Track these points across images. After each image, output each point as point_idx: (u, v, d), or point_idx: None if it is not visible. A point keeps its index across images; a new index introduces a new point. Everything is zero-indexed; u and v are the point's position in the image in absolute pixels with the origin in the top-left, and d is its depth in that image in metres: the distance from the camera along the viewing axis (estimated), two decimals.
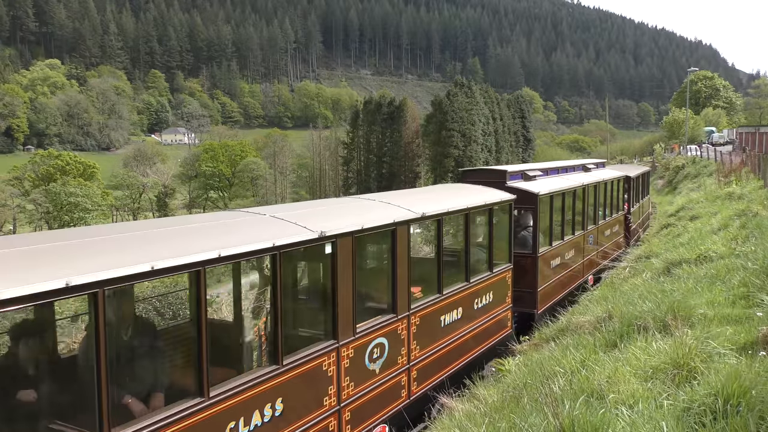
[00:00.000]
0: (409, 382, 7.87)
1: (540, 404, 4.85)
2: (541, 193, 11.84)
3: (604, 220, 16.78)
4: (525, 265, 11.53)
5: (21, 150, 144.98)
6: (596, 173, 16.61)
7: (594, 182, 15.45)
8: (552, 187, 12.60)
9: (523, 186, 11.77)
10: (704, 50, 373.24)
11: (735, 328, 5.75)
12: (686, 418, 4.05)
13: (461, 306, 9.11)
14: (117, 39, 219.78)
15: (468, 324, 9.31)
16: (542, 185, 12.38)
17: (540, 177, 13.11)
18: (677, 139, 79.49)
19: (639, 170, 23.62)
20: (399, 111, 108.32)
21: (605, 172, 17.68)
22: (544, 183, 12.70)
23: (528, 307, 11.83)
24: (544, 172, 13.72)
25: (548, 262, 12.44)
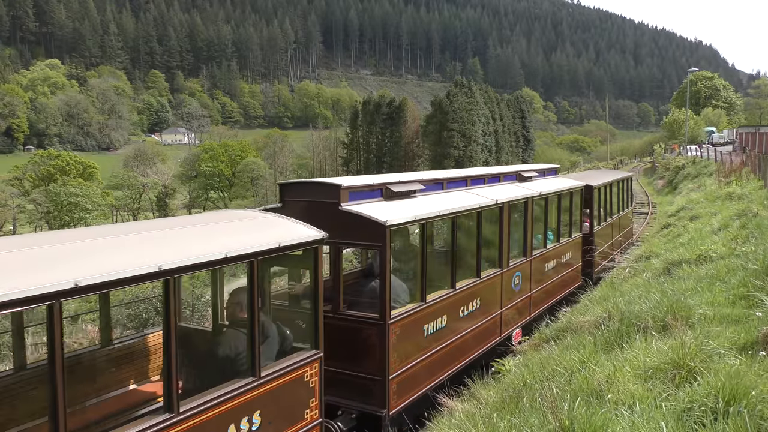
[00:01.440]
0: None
1: (540, 404, 4.85)
2: (394, 222, 7.37)
3: (544, 249, 12.27)
4: (368, 338, 7.47)
5: (21, 150, 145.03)
6: (538, 184, 12.48)
7: (523, 197, 11.08)
8: (428, 210, 8.19)
9: (366, 211, 7.41)
10: (704, 50, 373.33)
11: (735, 328, 5.75)
12: (686, 419, 4.04)
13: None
14: (117, 39, 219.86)
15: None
16: (408, 208, 8.08)
17: (419, 193, 8.86)
18: (677, 139, 79.52)
19: (611, 176, 18.94)
20: (399, 111, 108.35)
21: (553, 182, 13.32)
22: (416, 204, 8.40)
23: (373, 405, 7.51)
24: (431, 184, 9.41)
25: (418, 327, 8.02)
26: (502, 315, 10.40)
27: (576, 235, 14.29)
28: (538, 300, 11.76)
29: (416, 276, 8.24)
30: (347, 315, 7.58)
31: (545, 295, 12.22)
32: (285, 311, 7.95)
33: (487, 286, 9.83)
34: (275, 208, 7.91)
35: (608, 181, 17.73)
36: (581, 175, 20.56)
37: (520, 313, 11.26)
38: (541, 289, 11.81)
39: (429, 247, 8.90)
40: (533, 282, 11.49)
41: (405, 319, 7.67)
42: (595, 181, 16.12)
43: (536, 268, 11.84)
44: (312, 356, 6.44)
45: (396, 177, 9.01)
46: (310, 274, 6.68)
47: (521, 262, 11.13)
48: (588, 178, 16.95)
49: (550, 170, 14.63)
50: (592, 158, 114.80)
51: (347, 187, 7.68)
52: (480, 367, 9.27)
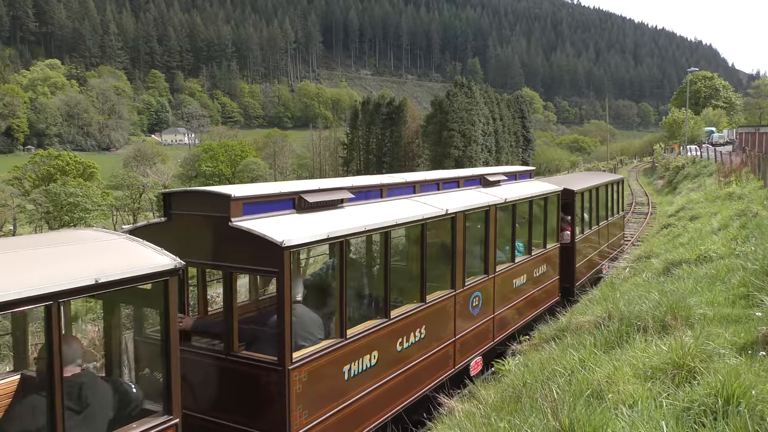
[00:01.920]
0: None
1: (540, 404, 4.86)
2: (295, 242, 5.88)
3: (512, 263, 10.64)
4: (266, 387, 6.00)
5: (21, 150, 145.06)
6: (505, 189, 10.80)
7: (483, 205, 9.48)
8: (350, 225, 6.70)
9: (259, 228, 5.90)
10: (704, 50, 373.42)
11: (735, 328, 5.75)
12: (686, 418, 4.05)
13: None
14: (117, 39, 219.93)
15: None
16: (324, 222, 6.58)
17: (347, 203, 7.30)
18: (677, 139, 79.54)
19: (598, 179, 17.15)
20: (399, 111, 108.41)
21: (524, 187, 11.65)
22: (337, 217, 6.86)
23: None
24: (365, 191, 7.86)
25: (336, 369, 6.52)
26: (456, 344, 8.80)
27: (553, 245, 12.55)
28: (504, 322, 10.33)
29: (335, 306, 6.69)
30: (241, 357, 6.00)
31: (514, 315, 10.79)
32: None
33: (435, 312, 8.21)
34: (157, 224, 6.50)
35: (594, 184, 15.78)
36: (564, 178, 18.40)
37: (481, 339, 9.62)
38: (508, 309, 10.43)
39: (355, 269, 8.08)
40: (498, 302, 10.04)
41: (315, 361, 6.08)
42: (577, 185, 14.43)
43: (501, 285, 10.22)
44: (159, 425, 4.74)
45: (318, 183, 7.41)
46: (161, 315, 5.03)
47: (482, 281, 9.52)
48: (570, 181, 15.45)
49: (524, 173, 12.81)
50: (592, 158, 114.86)
51: (240, 197, 6.07)
52: (429, 405, 7.85)
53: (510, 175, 11.84)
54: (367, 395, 6.94)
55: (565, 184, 13.80)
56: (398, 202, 8.13)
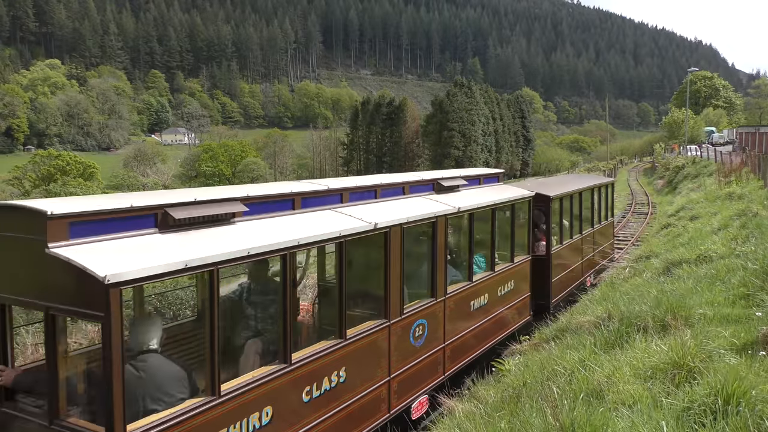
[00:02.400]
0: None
1: (540, 404, 4.86)
2: (129, 276, 4.38)
3: (469, 283, 9.12)
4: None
5: (21, 150, 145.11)
6: (462, 195, 9.39)
7: (429, 216, 7.93)
8: (227, 249, 5.16)
9: (80, 257, 4.38)
10: (704, 50, 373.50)
11: (735, 328, 5.75)
12: (686, 418, 4.05)
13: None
14: (117, 39, 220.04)
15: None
16: (190, 246, 5.05)
17: (239, 218, 5.78)
18: (677, 139, 79.55)
19: (582, 183, 15.64)
20: (399, 111, 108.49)
21: (487, 193, 10.15)
22: (213, 238, 5.34)
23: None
24: (267, 202, 6.25)
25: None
26: (392, 384, 7.33)
27: (522, 258, 11.06)
28: (459, 351, 8.86)
29: (203, 355, 5.15)
30: (67, 426, 4.52)
31: (473, 342, 9.30)
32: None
33: (360, 349, 6.72)
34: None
35: (575, 188, 14.27)
36: (541, 181, 16.58)
37: (427, 374, 8.07)
38: (464, 335, 8.97)
39: (244, 302, 6.64)
40: (450, 329, 8.56)
41: (175, 428, 4.66)
42: (553, 190, 12.90)
43: (455, 309, 8.71)
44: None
45: (200, 193, 5.72)
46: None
47: (427, 306, 7.97)
48: (546, 185, 13.84)
49: (490, 176, 11.13)
50: (592, 158, 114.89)
51: (64, 215, 4.51)
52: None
53: (472, 179, 10.33)
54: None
55: (539, 189, 12.42)
56: (314, 214, 6.59)
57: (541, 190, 12.41)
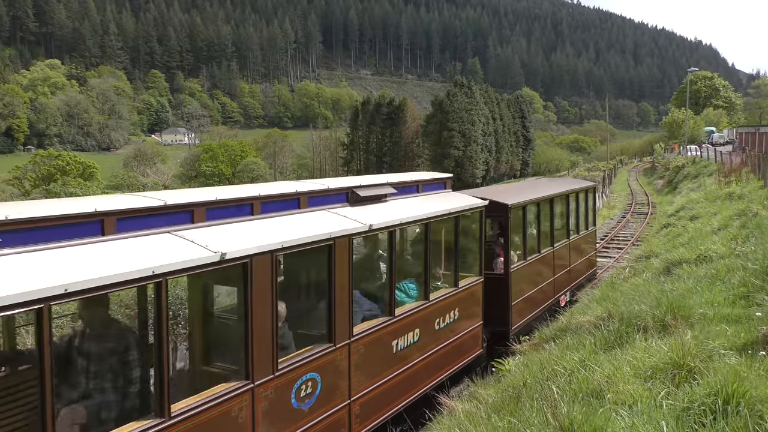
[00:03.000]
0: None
1: (540, 404, 4.86)
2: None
3: (390, 318, 7.42)
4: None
5: (21, 150, 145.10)
6: (385, 208, 7.66)
7: (321, 238, 6.25)
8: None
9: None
10: (704, 50, 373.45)
11: (735, 328, 5.75)
12: (686, 418, 4.05)
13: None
14: (117, 39, 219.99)
15: None
16: None
17: (56, 241, 4.39)
18: (677, 139, 79.55)
19: (554, 188, 13.77)
20: (399, 111, 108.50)
21: (423, 203, 8.41)
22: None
23: None
24: (89, 221, 4.68)
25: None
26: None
27: (471, 281, 9.29)
28: (374, 406, 7.08)
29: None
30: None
31: (396, 392, 7.52)
32: None
33: (199, 428, 4.86)
34: None
35: (544, 195, 12.48)
36: (504, 188, 14.87)
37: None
38: (382, 385, 7.22)
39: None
40: (359, 380, 6.80)
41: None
42: (515, 197, 11.14)
43: (367, 353, 6.92)
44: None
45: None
46: None
47: (321, 354, 6.23)
48: (507, 192, 11.94)
49: (431, 183, 9.23)
50: (592, 158, 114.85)
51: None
52: None
53: (405, 187, 8.45)
54: None
55: (496, 197, 10.56)
56: (141, 240, 4.87)
57: (499, 198, 10.57)
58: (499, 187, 17.13)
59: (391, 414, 7.43)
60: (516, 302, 10.77)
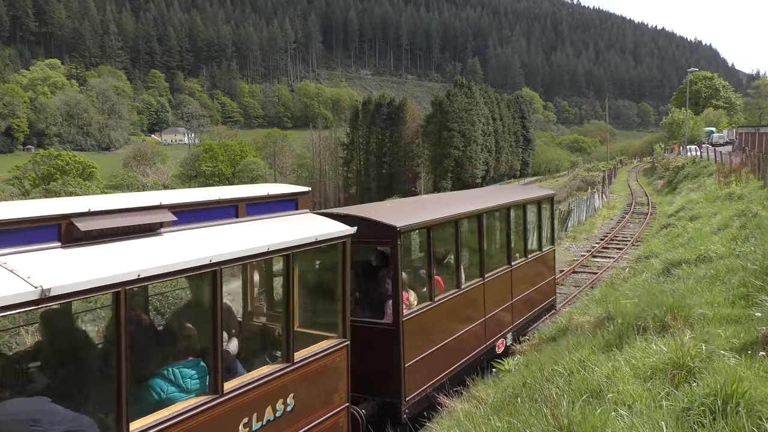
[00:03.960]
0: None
1: (539, 404, 4.86)
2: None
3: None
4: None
5: (21, 150, 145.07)
6: (167, 242, 4.97)
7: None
8: None
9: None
10: (704, 50, 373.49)
11: (734, 329, 5.75)
12: (685, 418, 4.05)
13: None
14: (117, 39, 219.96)
15: None
16: None
17: None
18: (677, 139, 79.54)
19: (486, 200, 10.92)
20: (399, 111, 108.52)
21: (231, 234, 5.57)
22: None
23: None
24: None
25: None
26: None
27: (328, 347, 6.33)
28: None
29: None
30: None
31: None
32: None
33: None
34: None
35: (463, 211, 9.32)
36: (412, 202, 11.63)
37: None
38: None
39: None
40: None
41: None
42: (412, 215, 8.29)
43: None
44: None
45: None
46: None
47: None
48: (409, 208, 9.36)
49: (268, 201, 6.34)
50: (592, 158, 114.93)
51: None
52: None
53: (207, 210, 5.58)
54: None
55: (385, 215, 7.86)
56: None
57: (387, 218, 7.71)
58: (405, 200, 13.05)
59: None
60: (414, 362, 7.73)
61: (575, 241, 25.15)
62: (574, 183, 52.94)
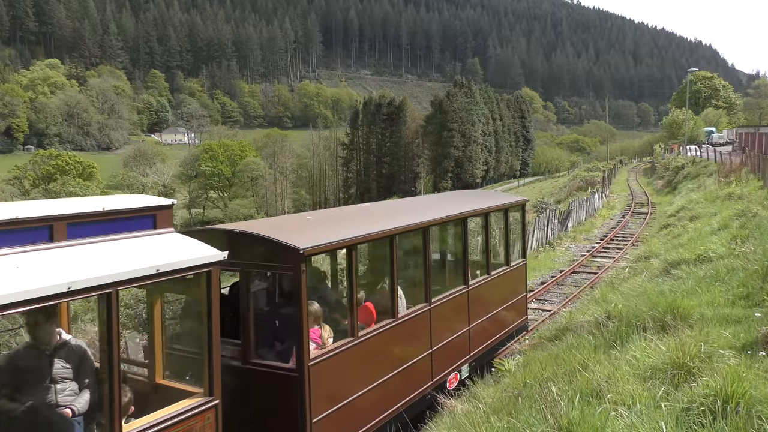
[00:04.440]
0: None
1: (539, 404, 4.85)
2: None
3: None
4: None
5: (21, 150, 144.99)
6: None
7: None
8: None
9: None
10: (704, 50, 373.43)
11: (734, 329, 5.75)
12: (685, 419, 4.05)
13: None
14: (117, 39, 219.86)
15: None
16: None
17: None
18: (677, 139, 79.51)
19: (439, 209, 9.20)
20: (399, 111, 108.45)
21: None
22: None
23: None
24: None
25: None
26: None
27: (187, 407, 4.80)
28: None
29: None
30: None
31: None
32: None
33: None
34: None
35: (402, 226, 7.62)
36: (354, 210, 9.44)
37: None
38: None
39: None
40: None
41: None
42: (328, 233, 6.67)
43: None
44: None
45: None
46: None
47: None
48: (326, 224, 7.62)
49: (106, 219, 4.82)
50: (592, 158, 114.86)
51: None
52: None
53: (5, 232, 4.18)
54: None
55: (284, 234, 6.21)
56: None
57: (291, 237, 6.07)
58: (339, 211, 10.18)
59: None
60: (325, 416, 6.16)
61: (575, 241, 25.15)
62: (574, 183, 52.90)
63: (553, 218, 25.15)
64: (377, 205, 10.73)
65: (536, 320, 13.43)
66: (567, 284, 17.37)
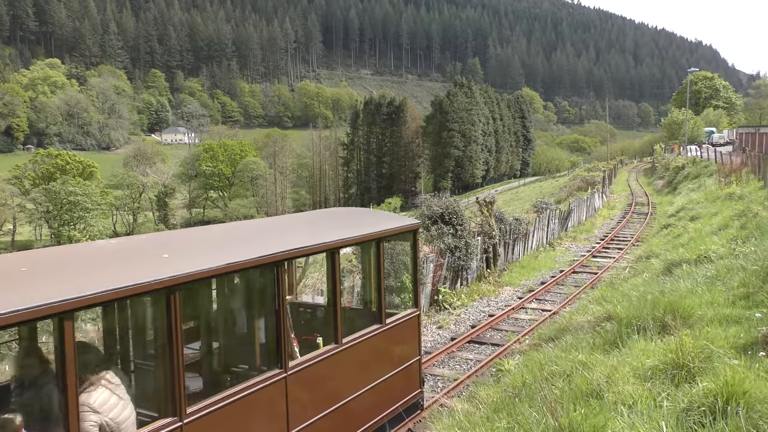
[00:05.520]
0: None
1: (539, 404, 4.85)
2: None
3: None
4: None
5: (21, 149, 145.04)
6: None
7: None
8: None
9: None
10: (704, 51, 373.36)
11: (735, 329, 5.74)
12: (685, 419, 4.04)
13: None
14: (117, 38, 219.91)
15: None
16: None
17: None
18: (677, 139, 79.48)
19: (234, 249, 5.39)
20: (399, 111, 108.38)
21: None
22: None
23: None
24: None
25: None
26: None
27: None
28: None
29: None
30: None
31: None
32: None
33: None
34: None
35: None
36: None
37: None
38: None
39: None
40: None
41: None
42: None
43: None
44: None
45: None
46: None
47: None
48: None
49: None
50: (592, 158, 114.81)
51: None
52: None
53: None
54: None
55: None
56: None
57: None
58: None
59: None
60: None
61: (575, 241, 25.15)
62: (574, 183, 52.85)
63: (554, 218, 25.15)
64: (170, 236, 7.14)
65: (536, 320, 13.45)
66: (567, 284, 17.36)
